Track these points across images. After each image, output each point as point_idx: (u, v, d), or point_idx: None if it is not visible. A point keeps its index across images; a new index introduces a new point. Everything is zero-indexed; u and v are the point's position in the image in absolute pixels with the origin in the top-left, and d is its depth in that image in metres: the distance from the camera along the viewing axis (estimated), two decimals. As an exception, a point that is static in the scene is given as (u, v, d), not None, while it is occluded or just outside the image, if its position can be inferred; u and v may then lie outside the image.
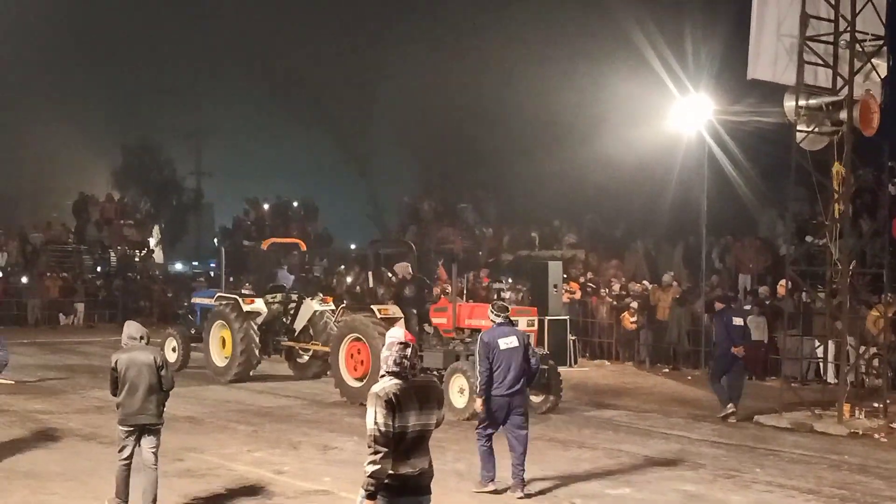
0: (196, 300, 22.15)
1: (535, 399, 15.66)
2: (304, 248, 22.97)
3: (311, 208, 41.30)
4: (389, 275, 21.19)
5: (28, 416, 15.26)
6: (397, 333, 6.74)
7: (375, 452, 6.27)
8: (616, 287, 24.86)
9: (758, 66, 15.38)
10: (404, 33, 38.50)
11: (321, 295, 20.66)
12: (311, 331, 20.28)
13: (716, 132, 22.92)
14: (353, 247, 41.90)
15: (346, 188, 45.93)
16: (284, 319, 20.54)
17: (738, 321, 16.23)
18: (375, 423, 6.30)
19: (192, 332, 21.18)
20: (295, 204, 41.93)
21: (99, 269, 36.44)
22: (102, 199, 38.80)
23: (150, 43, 44.97)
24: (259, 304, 20.03)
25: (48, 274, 33.54)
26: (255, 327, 19.73)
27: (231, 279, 23.23)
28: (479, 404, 10.76)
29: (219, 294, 20.83)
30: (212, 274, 33.46)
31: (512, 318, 11.51)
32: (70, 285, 33.40)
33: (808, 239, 20.90)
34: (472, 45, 35.64)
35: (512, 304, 22.11)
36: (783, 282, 19.92)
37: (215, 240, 45.27)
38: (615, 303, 24.19)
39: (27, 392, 17.77)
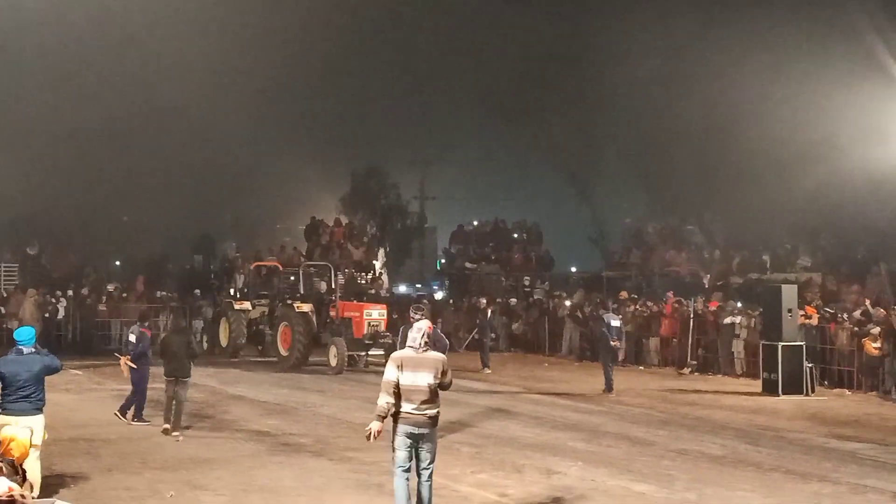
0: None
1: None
2: (281, 268, 29.77)
3: (533, 232, 41.22)
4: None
5: (262, 431, 15.77)
6: (422, 325, 9.68)
7: (386, 393, 9.35)
8: (857, 312, 23.38)
9: None
10: (628, 55, 37.88)
11: (292, 300, 26.76)
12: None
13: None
14: (573, 270, 41.54)
15: (570, 212, 45.52)
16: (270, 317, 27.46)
17: (616, 323, 21.44)
18: (387, 376, 9.41)
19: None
20: (510, 227, 42.02)
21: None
22: (331, 224, 39.97)
23: (381, 76, 46.19)
24: (246, 305, 28.03)
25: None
26: (244, 321, 27.57)
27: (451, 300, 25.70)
28: None
29: (226, 298, 29.33)
30: (435, 296, 33.86)
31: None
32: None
33: None
34: (698, 65, 34.66)
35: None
36: None
37: (438, 263, 46.03)
38: (856, 328, 22.77)
39: (261, 409, 18.39)
